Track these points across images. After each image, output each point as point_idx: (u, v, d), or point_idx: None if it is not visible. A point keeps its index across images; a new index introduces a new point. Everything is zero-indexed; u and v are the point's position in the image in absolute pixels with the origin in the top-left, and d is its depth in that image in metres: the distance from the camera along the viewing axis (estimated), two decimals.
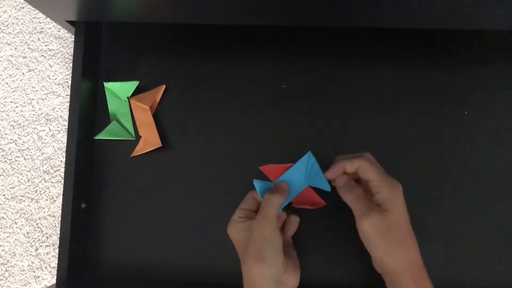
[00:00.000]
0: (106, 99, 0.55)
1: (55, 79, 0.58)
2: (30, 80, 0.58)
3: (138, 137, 0.54)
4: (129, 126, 0.54)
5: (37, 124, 0.57)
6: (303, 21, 0.50)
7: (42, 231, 0.56)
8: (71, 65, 0.56)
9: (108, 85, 0.54)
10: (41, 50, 0.59)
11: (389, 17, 0.46)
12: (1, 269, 0.56)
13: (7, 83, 0.58)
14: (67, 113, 0.56)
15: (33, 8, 0.59)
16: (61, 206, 0.50)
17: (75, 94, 0.51)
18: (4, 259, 0.56)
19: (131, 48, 0.56)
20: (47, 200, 0.56)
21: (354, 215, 0.43)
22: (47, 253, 0.55)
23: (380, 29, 0.52)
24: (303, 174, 0.46)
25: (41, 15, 0.59)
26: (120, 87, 0.54)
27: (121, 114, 0.54)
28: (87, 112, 0.53)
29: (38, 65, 0.58)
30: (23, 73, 0.58)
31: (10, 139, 0.57)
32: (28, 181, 0.57)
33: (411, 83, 0.52)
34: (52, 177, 0.56)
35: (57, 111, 0.57)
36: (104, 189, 0.54)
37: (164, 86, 0.54)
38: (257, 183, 0.45)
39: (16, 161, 0.57)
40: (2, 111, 0.58)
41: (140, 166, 0.54)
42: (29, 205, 0.56)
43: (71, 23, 0.53)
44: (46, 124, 0.57)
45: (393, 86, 0.52)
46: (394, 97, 0.52)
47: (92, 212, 0.53)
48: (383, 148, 0.51)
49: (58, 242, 0.52)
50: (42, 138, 0.57)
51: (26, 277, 0.55)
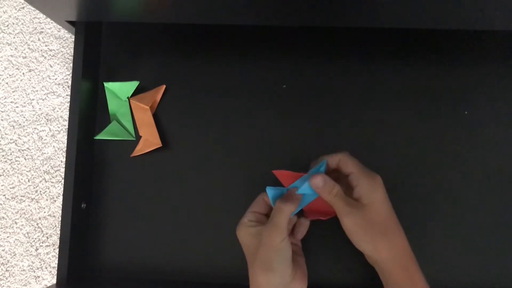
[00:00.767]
0: (106, 99, 0.55)
1: (55, 79, 0.58)
2: (30, 80, 0.58)
3: (138, 137, 0.54)
4: (129, 126, 0.54)
5: (37, 124, 0.57)
6: (303, 21, 0.50)
7: (42, 231, 0.56)
8: (71, 65, 0.56)
9: (108, 85, 0.54)
10: (41, 50, 0.59)
11: (389, 17, 0.46)
12: (1, 269, 0.56)
13: (7, 83, 0.59)
14: (67, 113, 0.56)
15: (33, 8, 0.59)
16: (61, 206, 0.50)
17: (75, 94, 0.51)
18: (4, 259, 0.56)
19: (131, 48, 0.56)
20: (47, 200, 0.56)
21: (336, 213, 0.43)
22: (47, 253, 0.55)
23: (380, 29, 0.52)
24: None
25: (41, 15, 0.59)
26: (120, 87, 0.54)
27: (121, 114, 0.54)
28: (87, 112, 0.53)
29: (38, 65, 0.58)
30: (23, 73, 0.59)
31: (11, 139, 0.58)
32: (28, 181, 0.57)
33: (411, 83, 0.52)
34: (52, 177, 0.56)
35: (57, 111, 0.57)
36: (104, 189, 0.54)
37: (164, 86, 0.54)
38: (270, 190, 0.44)
39: (16, 161, 0.57)
40: (2, 111, 0.58)
41: (140, 166, 0.54)
42: (29, 205, 0.56)
43: (71, 23, 0.53)
44: (46, 124, 0.57)
45: (393, 86, 0.52)
46: (394, 97, 0.52)
47: (92, 212, 0.53)
48: (383, 148, 0.51)
49: (58, 242, 0.52)
50: (42, 138, 0.57)
51: (26, 277, 0.55)
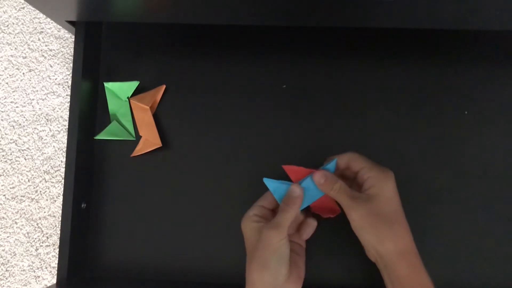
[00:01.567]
0: (106, 99, 0.55)
1: (55, 79, 0.58)
2: (30, 80, 0.58)
3: (138, 137, 0.54)
4: (129, 126, 0.54)
5: (37, 124, 0.57)
6: (303, 21, 0.50)
7: (42, 231, 0.56)
8: (71, 65, 0.56)
9: (108, 85, 0.54)
10: (41, 50, 0.59)
11: (389, 17, 0.46)
12: (1, 269, 0.56)
13: (7, 83, 0.59)
14: (67, 113, 0.56)
15: (34, 8, 0.59)
16: (61, 206, 0.50)
17: (75, 94, 0.51)
18: (4, 259, 0.56)
19: (131, 48, 0.56)
20: (47, 200, 0.56)
21: (343, 208, 0.43)
22: (47, 253, 0.55)
23: (380, 29, 0.52)
24: None
25: (41, 15, 0.59)
26: (120, 87, 0.54)
27: (121, 114, 0.54)
28: (87, 112, 0.53)
29: (38, 65, 0.58)
30: (23, 73, 0.59)
31: (11, 139, 0.58)
32: (29, 181, 0.57)
33: (411, 83, 0.52)
34: (52, 177, 0.56)
35: (57, 111, 0.57)
36: (104, 189, 0.54)
37: (164, 86, 0.54)
38: (269, 183, 0.44)
39: (16, 161, 0.57)
40: (2, 111, 0.58)
41: (140, 166, 0.54)
42: (29, 205, 0.56)
43: (71, 23, 0.53)
44: (46, 124, 0.57)
45: (393, 86, 0.52)
46: (394, 97, 0.52)
47: (92, 212, 0.53)
48: (383, 147, 0.51)
49: (58, 242, 0.52)
50: (42, 138, 0.57)
51: (26, 277, 0.55)
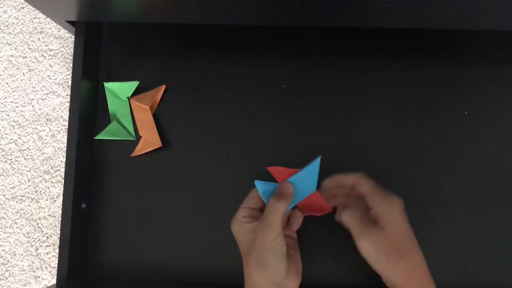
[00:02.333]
0: (106, 99, 0.55)
1: (55, 79, 0.58)
2: (30, 80, 0.58)
3: (138, 137, 0.54)
4: (129, 126, 0.54)
5: (37, 124, 0.57)
6: (303, 21, 0.50)
7: (42, 231, 0.56)
8: (71, 65, 0.56)
9: (108, 85, 0.54)
10: (41, 50, 0.59)
11: (388, 17, 0.46)
12: (1, 269, 0.56)
13: (7, 83, 0.59)
14: (67, 113, 0.56)
15: (33, 8, 0.59)
16: (61, 206, 0.50)
17: (75, 94, 0.51)
18: (4, 259, 0.56)
19: (131, 48, 0.56)
20: (47, 200, 0.56)
21: (352, 235, 0.42)
22: (47, 253, 0.55)
23: (380, 29, 0.52)
24: (313, 178, 0.45)
25: (41, 15, 0.59)
26: (120, 87, 0.54)
27: (121, 114, 0.54)
28: (87, 112, 0.53)
29: (38, 65, 0.58)
30: (23, 73, 0.59)
31: (10, 139, 0.58)
32: (28, 181, 0.57)
33: (411, 83, 0.52)
34: (52, 177, 0.56)
35: (57, 111, 0.57)
36: (104, 189, 0.54)
37: (164, 86, 0.54)
38: (259, 185, 0.44)
39: (16, 161, 0.57)
40: (2, 111, 0.58)
41: (140, 166, 0.54)
42: (29, 205, 0.56)
43: (71, 23, 0.53)
44: (46, 124, 0.57)
45: (393, 86, 0.52)
46: (394, 97, 0.52)
47: (92, 212, 0.53)
48: (383, 148, 0.51)
49: (58, 242, 0.52)
50: (42, 138, 0.57)
51: (26, 277, 0.55)
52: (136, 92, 0.54)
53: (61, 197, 0.55)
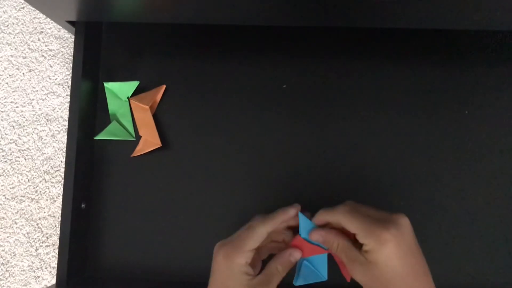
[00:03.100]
0: (106, 99, 0.55)
1: (55, 79, 0.58)
2: (30, 80, 0.58)
3: (138, 137, 0.54)
4: (129, 126, 0.54)
5: (37, 124, 0.57)
6: (303, 21, 0.50)
7: (42, 231, 0.56)
8: (71, 65, 0.56)
9: (108, 85, 0.54)
10: (41, 50, 0.59)
11: (389, 17, 0.46)
12: (1, 269, 0.56)
13: (7, 83, 0.59)
14: (67, 113, 0.56)
15: (33, 8, 0.59)
16: (61, 206, 0.50)
17: (75, 94, 0.51)
18: (4, 259, 0.56)
19: (131, 48, 0.56)
20: (47, 200, 0.56)
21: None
22: (47, 253, 0.55)
23: (380, 29, 0.52)
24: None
25: (41, 15, 0.59)
26: (120, 87, 0.54)
27: (121, 114, 0.54)
28: (87, 112, 0.53)
29: (38, 65, 0.58)
30: (23, 73, 0.59)
31: (10, 139, 0.58)
32: (28, 181, 0.57)
33: (411, 83, 0.52)
34: (52, 177, 0.56)
35: (57, 111, 0.57)
36: (104, 189, 0.54)
37: (164, 86, 0.54)
38: (303, 218, 0.42)
39: (16, 161, 0.57)
40: (2, 111, 0.58)
41: (140, 166, 0.54)
42: (29, 205, 0.56)
43: (71, 23, 0.53)
44: (46, 124, 0.57)
45: (393, 86, 0.52)
46: (394, 97, 0.52)
47: (92, 212, 0.53)
48: (383, 147, 0.51)
49: (58, 242, 0.52)
50: (42, 138, 0.57)
51: (26, 277, 0.55)
52: (136, 92, 0.54)
53: (61, 197, 0.55)
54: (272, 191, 0.52)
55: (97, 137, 0.53)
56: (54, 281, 0.55)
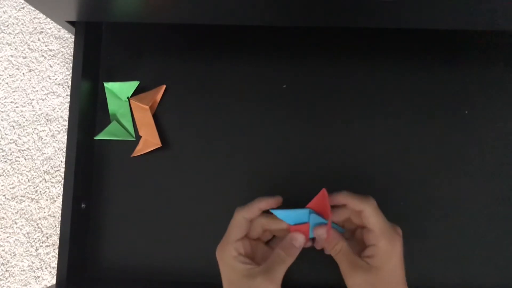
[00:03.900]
0: (106, 99, 0.55)
1: (55, 79, 0.58)
2: (30, 80, 0.58)
3: (138, 137, 0.54)
4: (129, 126, 0.54)
5: (37, 124, 0.57)
6: (303, 21, 0.50)
7: (42, 231, 0.56)
8: (71, 65, 0.56)
9: (108, 85, 0.54)
10: (41, 50, 0.59)
11: (389, 17, 0.46)
12: (1, 269, 0.56)
13: (7, 83, 0.59)
14: (67, 113, 0.56)
15: (33, 9, 0.59)
16: (61, 206, 0.50)
17: (75, 94, 0.51)
18: (4, 259, 0.56)
19: (131, 48, 0.56)
20: (47, 200, 0.56)
21: (340, 270, 0.41)
22: (47, 253, 0.55)
23: (380, 29, 0.52)
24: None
25: (41, 15, 0.59)
26: (120, 87, 0.54)
27: (121, 114, 0.54)
28: (87, 112, 0.53)
29: (38, 65, 0.58)
30: (23, 73, 0.59)
31: (10, 139, 0.58)
32: (28, 181, 0.57)
33: (412, 83, 0.52)
34: (52, 177, 0.56)
35: (57, 111, 0.57)
36: (104, 189, 0.54)
37: (164, 86, 0.54)
38: (278, 213, 0.41)
39: (16, 161, 0.57)
40: (2, 111, 0.58)
41: (140, 166, 0.54)
42: (29, 205, 0.56)
43: (71, 23, 0.53)
44: (46, 124, 0.57)
45: (393, 86, 0.52)
46: (394, 97, 0.52)
47: (92, 212, 0.53)
48: (383, 147, 0.51)
49: (58, 242, 0.52)
50: (42, 138, 0.57)
51: (26, 277, 0.55)
52: (136, 92, 0.54)
53: (61, 197, 0.55)
54: (272, 191, 0.51)
55: (97, 137, 0.53)
56: (54, 281, 0.55)
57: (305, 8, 0.44)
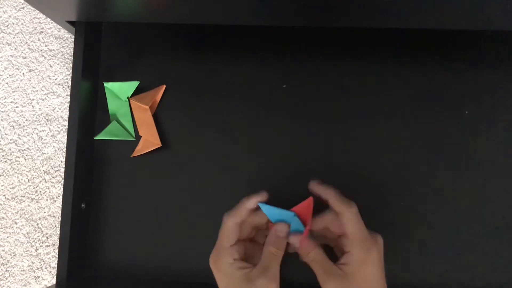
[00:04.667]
0: (106, 99, 0.55)
1: (55, 79, 0.58)
2: (30, 80, 0.58)
3: (138, 137, 0.54)
4: (129, 126, 0.54)
5: (37, 124, 0.57)
6: (303, 21, 0.50)
7: (42, 231, 0.56)
8: (71, 65, 0.56)
9: (108, 85, 0.54)
10: (41, 50, 0.59)
11: (389, 17, 0.46)
12: (1, 269, 0.56)
13: (7, 83, 0.59)
14: (67, 113, 0.56)
15: (33, 8, 0.59)
16: (61, 206, 0.50)
17: (75, 94, 0.51)
18: (4, 259, 0.56)
19: (131, 48, 0.56)
20: (47, 200, 0.56)
21: (317, 277, 0.40)
22: (47, 253, 0.55)
23: (381, 29, 0.52)
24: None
25: (41, 15, 0.59)
26: (120, 87, 0.54)
27: (121, 114, 0.54)
28: (87, 112, 0.53)
29: (38, 65, 0.58)
30: (23, 73, 0.59)
31: (10, 139, 0.58)
32: (28, 181, 0.57)
33: (412, 83, 0.52)
34: (52, 177, 0.56)
35: (57, 111, 0.57)
36: (104, 189, 0.54)
37: (164, 86, 0.54)
38: (265, 208, 0.41)
39: (16, 161, 0.57)
40: (2, 111, 0.58)
41: (140, 166, 0.54)
42: (29, 205, 0.56)
43: (71, 23, 0.53)
44: (46, 124, 0.57)
45: (393, 86, 0.52)
46: (394, 97, 0.52)
47: (92, 212, 0.53)
48: (383, 147, 0.51)
49: (58, 242, 0.52)
50: (42, 138, 0.57)
51: (26, 277, 0.55)
52: (136, 92, 0.54)
53: (61, 197, 0.55)
54: (272, 191, 0.51)
55: (97, 137, 0.53)
56: (54, 281, 0.55)
57: (305, 8, 0.44)
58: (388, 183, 0.51)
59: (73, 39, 0.53)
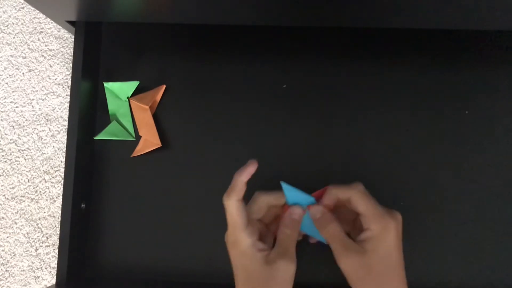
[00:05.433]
0: (106, 99, 0.55)
1: (55, 79, 0.58)
2: (30, 80, 0.58)
3: (138, 137, 0.54)
4: (129, 126, 0.54)
5: (37, 124, 0.57)
6: (303, 21, 0.50)
7: (42, 231, 0.56)
8: (71, 65, 0.56)
9: (108, 85, 0.54)
10: (41, 50, 0.59)
11: (389, 17, 0.46)
12: (1, 269, 0.56)
13: (7, 83, 0.59)
14: (67, 113, 0.56)
15: (33, 8, 0.59)
16: (61, 206, 0.50)
17: (75, 94, 0.51)
18: (4, 259, 0.56)
19: (131, 48, 0.56)
20: (47, 200, 0.56)
21: (333, 253, 0.39)
22: (47, 253, 0.55)
23: (380, 29, 0.52)
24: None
25: (41, 15, 0.59)
26: (120, 87, 0.54)
27: (121, 114, 0.54)
28: (87, 112, 0.53)
29: (38, 65, 0.58)
30: (23, 73, 0.59)
31: (10, 139, 0.57)
32: (28, 181, 0.57)
33: (411, 83, 0.52)
34: (52, 177, 0.56)
35: (57, 111, 0.57)
36: (104, 189, 0.54)
37: (164, 86, 0.54)
38: (287, 188, 0.41)
39: (16, 161, 0.57)
40: (2, 111, 0.58)
41: (140, 166, 0.54)
42: (29, 206, 0.56)
43: (71, 23, 0.53)
44: (46, 124, 0.57)
45: (393, 86, 0.52)
46: (395, 97, 0.52)
47: (92, 212, 0.53)
48: (383, 147, 0.51)
49: (58, 242, 0.52)
50: (42, 138, 0.57)
51: (26, 277, 0.55)
52: (136, 92, 0.54)
53: (61, 197, 0.55)
54: (273, 190, 0.52)
55: (97, 137, 0.53)
56: (54, 281, 0.55)
57: (306, 8, 0.44)
58: (388, 183, 0.51)
59: (73, 39, 0.53)
